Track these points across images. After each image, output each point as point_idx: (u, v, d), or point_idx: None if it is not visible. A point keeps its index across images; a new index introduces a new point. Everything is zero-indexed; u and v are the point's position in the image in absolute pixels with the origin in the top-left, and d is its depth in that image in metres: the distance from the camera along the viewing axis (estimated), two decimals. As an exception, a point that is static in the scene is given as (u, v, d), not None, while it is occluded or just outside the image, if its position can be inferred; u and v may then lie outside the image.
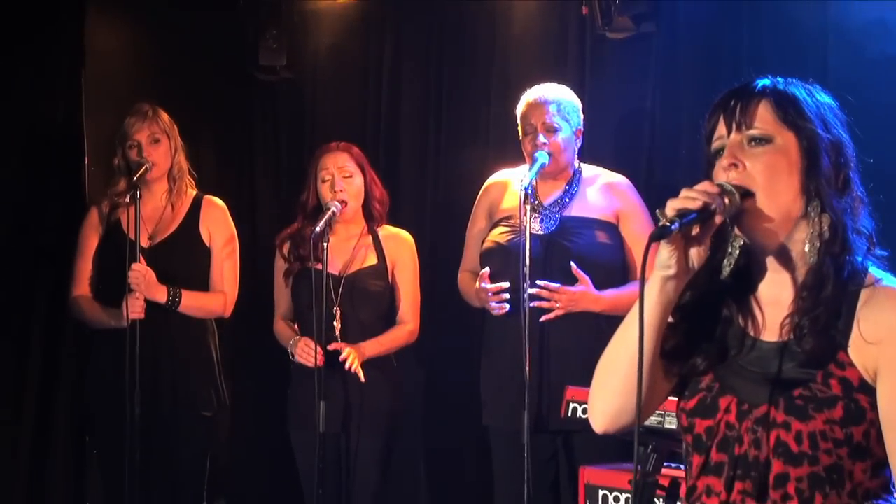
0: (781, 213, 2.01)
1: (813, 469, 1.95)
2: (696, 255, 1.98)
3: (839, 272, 1.99)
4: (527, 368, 4.10)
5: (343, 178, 4.56)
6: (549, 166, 4.34)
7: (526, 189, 4.13)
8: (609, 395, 2.08)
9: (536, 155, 4.27)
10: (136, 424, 4.41)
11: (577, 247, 4.33)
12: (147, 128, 4.60)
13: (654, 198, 4.46)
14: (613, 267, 4.37)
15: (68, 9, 5.06)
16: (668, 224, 1.91)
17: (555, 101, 4.38)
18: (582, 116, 4.45)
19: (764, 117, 2.03)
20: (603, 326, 4.29)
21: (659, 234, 1.92)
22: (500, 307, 4.27)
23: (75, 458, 5.02)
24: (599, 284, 4.30)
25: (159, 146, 4.62)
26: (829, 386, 1.97)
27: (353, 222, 4.65)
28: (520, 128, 4.45)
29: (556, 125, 4.35)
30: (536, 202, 4.41)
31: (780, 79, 2.12)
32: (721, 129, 2.06)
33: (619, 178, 4.50)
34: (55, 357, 4.98)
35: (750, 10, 4.85)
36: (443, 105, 5.54)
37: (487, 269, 4.29)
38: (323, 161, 4.61)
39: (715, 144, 2.07)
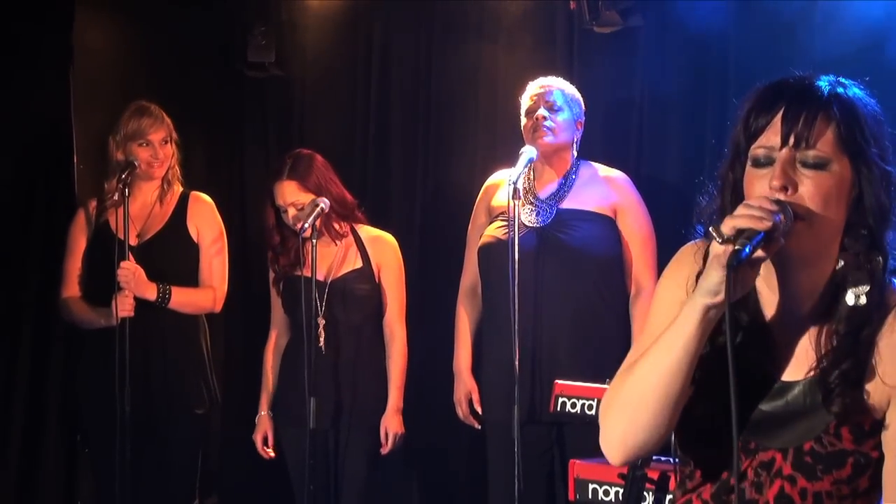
0: (822, 242, 1.86)
1: None
2: (746, 280, 1.80)
3: (871, 314, 1.86)
4: (516, 362, 4.13)
5: (297, 210, 4.52)
6: (549, 143, 4.39)
7: (514, 182, 4.15)
8: (636, 430, 1.90)
9: (523, 150, 4.29)
10: (127, 423, 4.41)
11: (571, 239, 4.36)
12: (163, 129, 4.63)
13: (642, 191, 4.51)
14: (609, 260, 4.39)
15: (57, 7, 5.07)
16: (739, 249, 1.72)
17: (559, 88, 4.46)
18: (583, 114, 4.50)
19: (826, 138, 1.84)
20: (599, 316, 4.38)
21: (735, 261, 1.72)
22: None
23: (66, 457, 5.04)
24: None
25: (167, 147, 4.66)
26: (840, 437, 1.87)
27: (326, 234, 4.62)
28: (523, 112, 4.47)
29: (559, 105, 4.41)
30: (532, 195, 4.45)
31: (843, 83, 1.92)
32: (772, 137, 1.85)
33: (617, 173, 4.52)
34: (45, 357, 4.99)
35: (737, 3, 4.87)
36: (432, 99, 5.55)
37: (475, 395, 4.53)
38: (274, 192, 4.58)
39: (758, 151, 1.86)
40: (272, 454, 4.66)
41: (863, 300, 1.86)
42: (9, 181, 4.96)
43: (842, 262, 1.88)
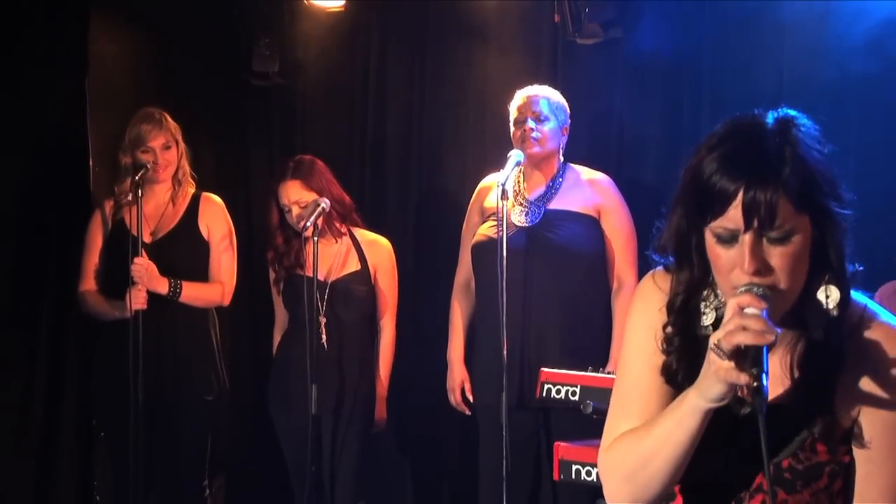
0: (793, 297, 1.82)
1: None
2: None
3: (838, 339, 1.85)
4: (504, 352, 4.16)
5: (300, 208, 4.57)
6: (537, 153, 4.43)
7: (502, 184, 4.18)
8: (644, 498, 1.92)
9: (511, 154, 4.33)
10: (140, 409, 4.44)
11: (558, 238, 4.40)
12: (162, 135, 4.64)
13: (623, 192, 4.55)
14: (593, 257, 4.43)
15: (73, 18, 5.02)
16: (759, 386, 1.67)
17: (545, 97, 4.48)
18: (568, 120, 4.54)
19: (787, 211, 1.76)
20: (584, 309, 4.41)
21: (761, 399, 1.67)
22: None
23: (82, 441, 5.00)
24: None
25: (170, 152, 4.67)
26: (815, 451, 1.88)
27: (328, 231, 4.68)
28: (511, 122, 4.51)
29: (545, 115, 4.44)
30: (522, 197, 4.48)
31: (787, 124, 1.83)
32: (734, 218, 1.77)
33: (600, 176, 4.56)
34: (63, 346, 4.97)
35: (711, 15, 4.91)
36: (425, 106, 5.58)
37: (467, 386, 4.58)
38: (278, 192, 4.62)
39: (720, 231, 1.79)
40: None
41: (828, 330, 1.84)
42: (28, 182, 4.92)
43: (807, 298, 1.84)
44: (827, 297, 1.83)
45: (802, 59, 4.62)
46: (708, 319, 1.89)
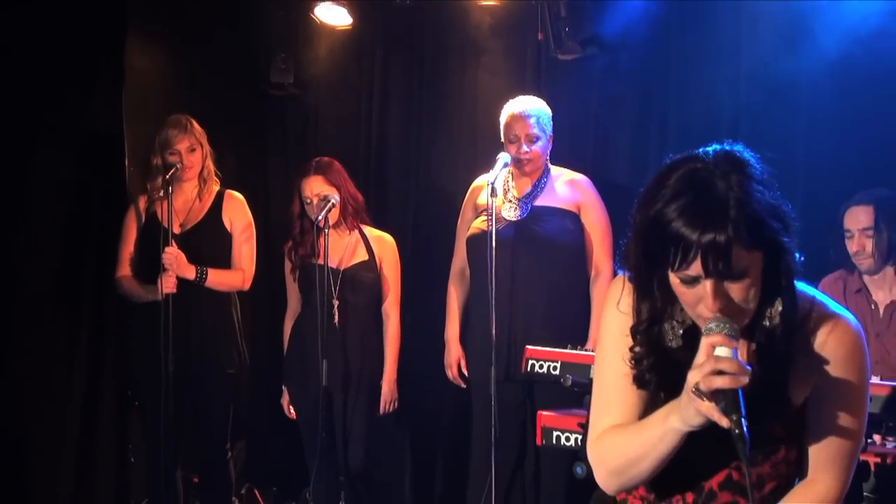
0: (751, 314, 1.89)
1: (762, 494, 1.99)
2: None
3: (786, 335, 1.91)
4: (493, 331, 4.27)
5: (320, 201, 4.69)
6: (529, 167, 4.54)
7: (492, 183, 4.31)
8: (633, 485, 2.03)
9: (499, 156, 4.42)
10: (170, 381, 4.58)
11: (544, 231, 4.52)
12: (187, 139, 4.77)
13: (599, 190, 4.64)
14: (574, 248, 4.55)
15: (112, 35, 5.08)
16: (742, 432, 1.72)
17: (534, 115, 4.54)
18: (552, 124, 4.61)
19: (739, 255, 1.80)
20: (565, 294, 4.49)
21: (745, 444, 1.72)
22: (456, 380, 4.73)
23: (120, 409, 5.04)
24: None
25: (194, 154, 4.80)
26: (771, 429, 1.96)
27: (343, 223, 4.81)
28: (503, 135, 4.60)
29: (536, 135, 4.52)
30: (511, 195, 4.58)
31: (733, 166, 1.83)
32: (696, 268, 1.81)
33: (580, 176, 4.68)
34: (102, 327, 5.01)
35: (678, 33, 5.01)
36: (423, 116, 5.67)
37: (462, 362, 4.67)
38: (301, 186, 4.74)
39: (683, 276, 1.84)
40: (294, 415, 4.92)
41: (773, 335, 1.90)
42: (70, 181, 4.95)
43: (758, 310, 1.91)
44: (771, 308, 1.90)
45: (757, 77, 4.67)
46: (675, 341, 1.96)
